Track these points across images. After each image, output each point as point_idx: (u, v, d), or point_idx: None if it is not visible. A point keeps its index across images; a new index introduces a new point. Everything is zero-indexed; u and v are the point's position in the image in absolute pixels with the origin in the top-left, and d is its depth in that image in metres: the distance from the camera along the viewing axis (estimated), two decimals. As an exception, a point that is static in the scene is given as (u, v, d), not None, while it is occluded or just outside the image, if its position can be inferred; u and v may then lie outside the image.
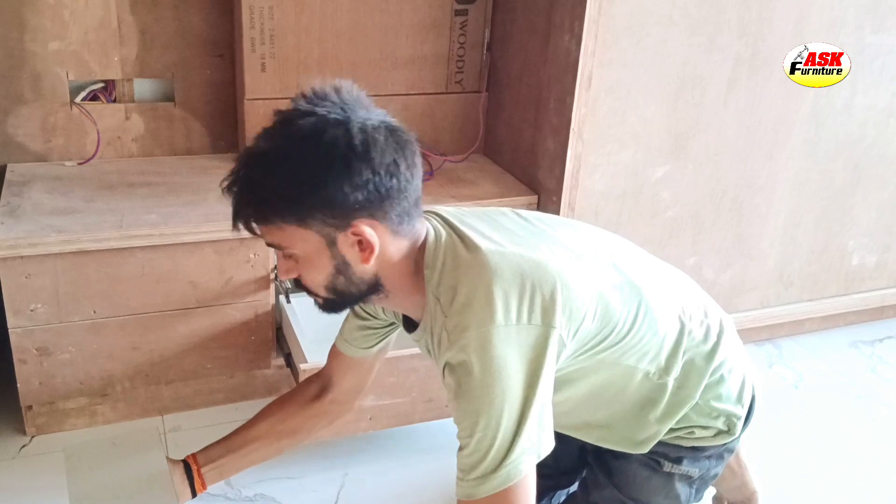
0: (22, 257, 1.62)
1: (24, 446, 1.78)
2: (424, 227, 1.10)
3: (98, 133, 2.04)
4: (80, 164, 2.03)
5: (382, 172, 0.97)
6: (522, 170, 2.13)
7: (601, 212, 2.00)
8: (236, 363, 1.92)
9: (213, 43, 2.08)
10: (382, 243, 1.02)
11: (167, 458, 1.29)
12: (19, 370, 1.73)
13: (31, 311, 1.68)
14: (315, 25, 2.03)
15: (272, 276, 1.85)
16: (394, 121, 1.03)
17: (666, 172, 2.03)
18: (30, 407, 1.78)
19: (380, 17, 2.07)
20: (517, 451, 0.98)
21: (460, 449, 1.02)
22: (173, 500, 1.23)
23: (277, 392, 2.00)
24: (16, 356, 1.71)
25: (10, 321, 1.68)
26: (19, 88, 1.95)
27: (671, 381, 1.21)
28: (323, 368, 1.38)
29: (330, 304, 1.10)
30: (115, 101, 2.05)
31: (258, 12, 1.95)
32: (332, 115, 0.97)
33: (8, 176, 1.92)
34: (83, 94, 2.02)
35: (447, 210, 1.17)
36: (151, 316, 1.79)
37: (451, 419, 1.05)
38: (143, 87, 2.08)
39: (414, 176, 1.02)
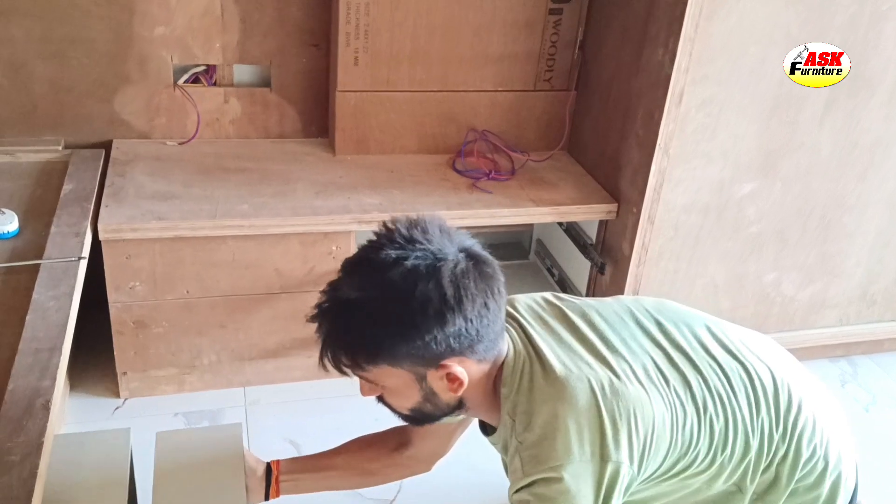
0: (124, 240, 1.74)
1: (117, 408, 1.94)
2: (506, 344, 1.10)
3: (198, 114, 2.14)
4: (180, 143, 2.14)
5: (473, 318, 0.99)
6: (605, 175, 2.12)
7: (681, 225, 1.99)
8: (314, 345, 1.99)
9: (310, 33, 2.13)
10: (469, 374, 1.04)
11: (254, 456, 1.38)
12: (117, 340, 1.87)
13: (130, 288, 1.80)
14: (409, 21, 2.05)
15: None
16: (477, 247, 1.04)
17: (753, 189, 2.00)
18: (125, 373, 1.93)
19: (474, 15, 2.08)
20: None
21: None
22: (242, 499, 1.29)
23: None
24: (114, 328, 1.85)
25: (111, 296, 1.81)
26: (126, 69, 2.05)
27: (750, 492, 1.16)
28: (404, 426, 1.33)
29: (411, 421, 1.15)
30: (215, 84, 2.14)
31: (354, 8, 1.99)
32: (423, 265, 0.97)
33: (113, 153, 2.04)
34: (186, 76, 2.11)
35: (526, 314, 1.17)
36: (239, 298, 1.89)
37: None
38: (242, 73, 2.16)
39: (500, 307, 1.03)
